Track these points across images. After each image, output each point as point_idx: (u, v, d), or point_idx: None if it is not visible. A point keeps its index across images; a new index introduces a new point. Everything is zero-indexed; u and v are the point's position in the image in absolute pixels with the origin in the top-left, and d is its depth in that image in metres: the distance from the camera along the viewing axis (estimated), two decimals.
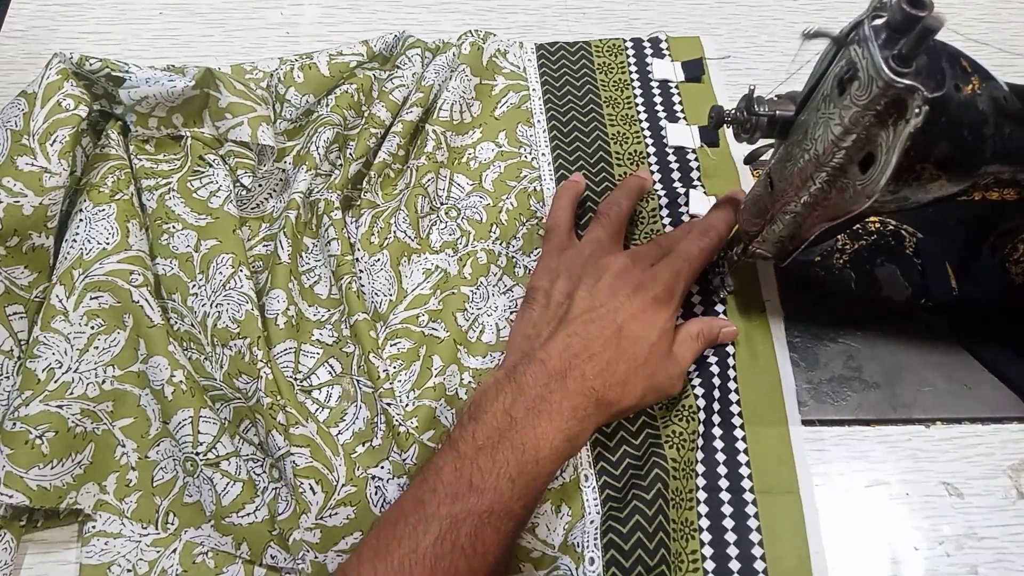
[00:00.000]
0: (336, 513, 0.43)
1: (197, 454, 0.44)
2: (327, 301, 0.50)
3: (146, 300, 0.47)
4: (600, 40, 0.63)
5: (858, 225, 0.54)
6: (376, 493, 0.44)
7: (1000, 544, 0.44)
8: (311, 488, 0.43)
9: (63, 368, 0.45)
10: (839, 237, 0.54)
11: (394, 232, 0.53)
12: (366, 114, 0.56)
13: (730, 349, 0.49)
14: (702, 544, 0.43)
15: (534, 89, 0.60)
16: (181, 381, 0.45)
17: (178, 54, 0.58)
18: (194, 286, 0.49)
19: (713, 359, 0.49)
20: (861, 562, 0.44)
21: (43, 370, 0.44)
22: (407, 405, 0.46)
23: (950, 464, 0.47)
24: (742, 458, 0.46)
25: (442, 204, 0.55)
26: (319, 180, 0.53)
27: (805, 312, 0.51)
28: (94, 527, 0.43)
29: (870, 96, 0.33)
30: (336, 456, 0.45)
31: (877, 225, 0.54)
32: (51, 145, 0.47)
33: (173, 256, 0.50)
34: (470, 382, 0.48)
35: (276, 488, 0.44)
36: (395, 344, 0.49)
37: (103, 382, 0.46)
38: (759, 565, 0.43)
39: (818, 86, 0.38)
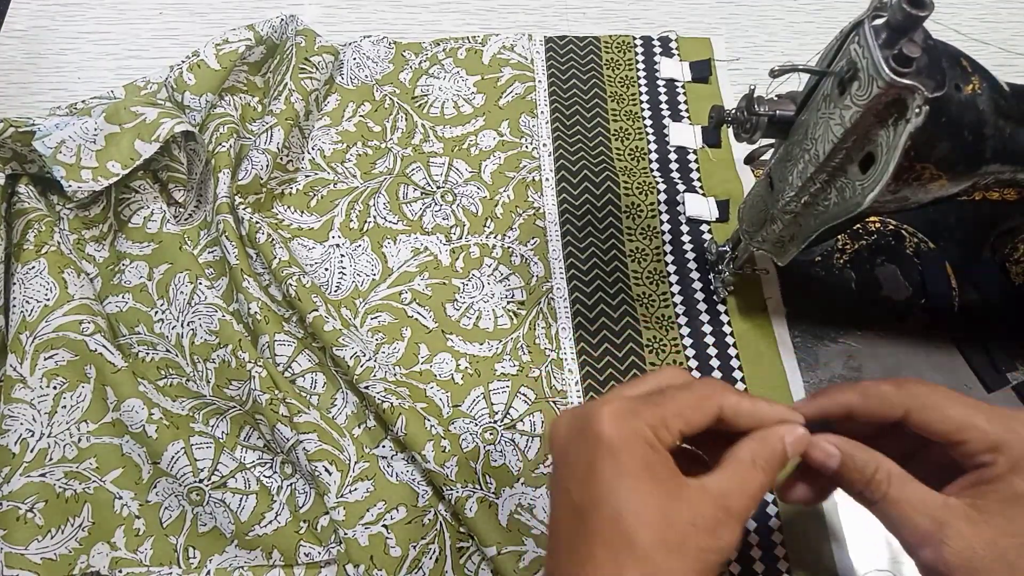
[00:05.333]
0: (355, 489, 0.43)
1: (200, 482, 0.44)
2: (283, 302, 0.50)
3: (103, 346, 0.46)
4: (610, 36, 0.63)
5: (858, 225, 0.54)
6: (388, 466, 0.45)
7: None
8: (326, 469, 0.43)
9: (35, 436, 0.44)
10: (839, 237, 0.54)
11: (374, 217, 0.54)
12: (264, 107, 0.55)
13: (733, 352, 0.49)
14: None
15: (540, 81, 0.60)
16: (161, 417, 0.45)
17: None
18: (157, 313, 0.49)
19: (716, 361, 0.49)
20: (862, 561, 0.44)
21: (15, 443, 0.44)
22: (392, 379, 0.46)
23: None
24: None
25: (439, 188, 0.55)
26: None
27: (805, 312, 0.51)
28: None
29: (870, 96, 0.33)
30: (343, 437, 0.45)
31: (877, 225, 0.54)
32: None
33: (125, 291, 0.50)
34: (467, 367, 0.48)
35: (291, 483, 0.44)
36: (376, 317, 0.50)
37: (79, 440, 0.45)
38: (782, 565, 0.43)
39: (818, 86, 0.38)
